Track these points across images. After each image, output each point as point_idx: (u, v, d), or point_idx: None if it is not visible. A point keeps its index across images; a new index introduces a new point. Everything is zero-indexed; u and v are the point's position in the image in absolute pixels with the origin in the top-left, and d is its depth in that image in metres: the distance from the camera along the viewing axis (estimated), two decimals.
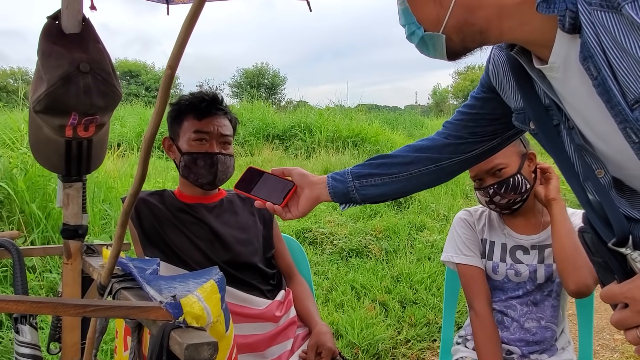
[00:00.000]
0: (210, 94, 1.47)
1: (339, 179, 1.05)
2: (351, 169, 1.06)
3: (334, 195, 1.05)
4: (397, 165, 1.05)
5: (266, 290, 1.48)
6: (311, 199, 1.05)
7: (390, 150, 8.14)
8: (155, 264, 0.91)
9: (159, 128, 0.73)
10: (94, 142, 1.02)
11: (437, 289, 3.21)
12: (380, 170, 1.05)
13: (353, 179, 1.04)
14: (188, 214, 1.45)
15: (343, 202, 1.07)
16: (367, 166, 1.07)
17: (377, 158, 1.08)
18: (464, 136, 1.02)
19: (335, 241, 3.93)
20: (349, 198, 1.05)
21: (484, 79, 0.99)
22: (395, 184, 1.05)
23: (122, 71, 31.00)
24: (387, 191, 1.06)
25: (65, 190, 1.02)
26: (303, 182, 1.06)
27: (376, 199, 1.07)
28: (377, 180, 1.05)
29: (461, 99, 31.43)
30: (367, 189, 1.05)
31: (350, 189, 1.04)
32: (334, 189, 1.05)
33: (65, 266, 1.03)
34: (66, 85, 0.89)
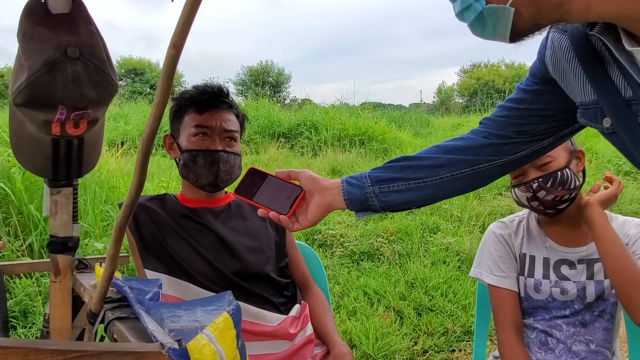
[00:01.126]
0: (214, 86, 1.33)
1: (356, 183, 0.90)
2: (369, 173, 0.91)
3: (350, 202, 0.90)
4: (425, 168, 0.90)
5: (279, 304, 1.34)
6: (322, 206, 0.90)
7: (398, 148, 7.99)
8: (156, 286, 0.77)
9: (162, 125, 0.59)
10: (86, 141, 0.88)
11: (453, 295, 3.06)
12: (405, 174, 0.90)
13: (372, 184, 0.89)
14: (192, 220, 1.31)
15: (360, 210, 0.92)
16: (389, 169, 0.91)
17: (399, 160, 0.93)
18: (508, 135, 0.88)
19: (346, 244, 3.78)
20: (367, 205, 0.90)
21: (538, 68, 0.84)
22: (422, 189, 0.90)
23: (127, 69, 30.95)
24: (412, 198, 0.91)
25: (53, 196, 0.88)
26: (313, 187, 0.91)
27: (398, 206, 0.92)
28: (401, 185, 0.90)
29: (467, 97, 31.21)
30: (389, 196, 0.90)
31: (369, 196, 0.89)
32: (349, 195, 0.90)
33: (52, 284, 0.89)
34: (51, 73, 0.75)
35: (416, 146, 9.39)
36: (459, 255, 3.62)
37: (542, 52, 0.81)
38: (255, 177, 0.96)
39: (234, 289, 1.28)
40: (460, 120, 15.48)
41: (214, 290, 1.25)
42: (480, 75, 30.58)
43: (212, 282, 1.26)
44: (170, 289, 1.25)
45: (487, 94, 26.13)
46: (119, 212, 0.63)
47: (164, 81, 0.51)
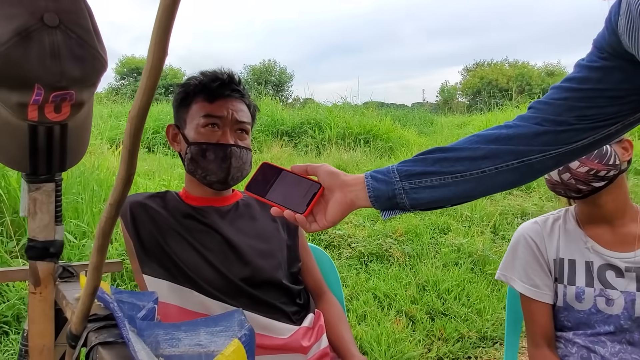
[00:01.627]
0: (225, 72, 1.19)
1: (382, 178, 0.78)
2: (398, 166, 0.79)
3: (376, 200, 0.78)
4: (464, 160, 0.77)
5: (291, 313, 1.21)
6: (343, 204, 0.79)
7: (404, 147, 7.85)
8: (151, 301, 0.64)
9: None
10: (70, 128, 0.74)
11: (467, 299, 2.93)
12: (439, 168, 0.77)
13: (401, 179, 0.77)
14: (196, 220, 1.18)
15: (387, 209, 0.79)
16: (420, 162, 0.79)
17: (433, 151, 0.79)
18: (567, 121, 0.74)
19: (354, 244, 3.65)
20: (394, 203, 0.78)
21: (606, 40, 0.70)
22: (459, 185, 0.77)
23: (130, 68, 30.93)
24: (448, 194, 0.78)
25: (32, 193, 0.75)
26: (333, 183, 0.80)
27: (431, 204, 0.79)
28: (435, 180, 0.77)
29: (470, 96, 31.05)
30: (420, 192, 0.77)
31: (398, 192, 0.77)
32: (375, 192, 0.78)
33: (31, 296, 0.76)
34: (24, 44, 0.62)
35: (422, 144, 9.26)
36: (471, 256, 3.48)
37: (614, 21, 0.67)
38: (269, 172, 0.85)
39: (242, 296, 1.15)
40: (465, 120, 15.33)
41: (219, 299, 1.13)
42: (484, 74, 30.39)
43: (217, 289, 1.13)
44: (172, 297, 1.12)
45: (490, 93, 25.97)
46: (103, 213, 0.50)
47: (159, 34, 0.38)
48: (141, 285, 1.15)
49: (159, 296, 1.14)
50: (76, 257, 2.55)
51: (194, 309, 1.12)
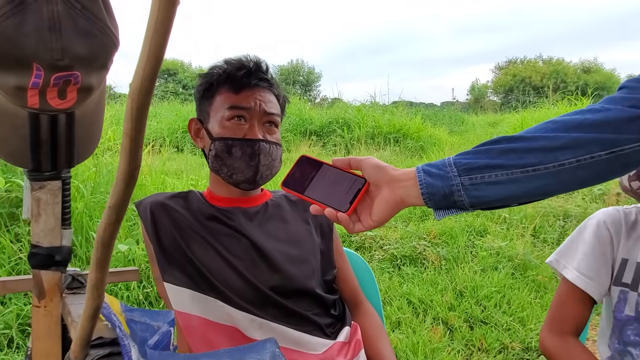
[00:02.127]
0: (252, 60, 1.08)
1: (437, 173, 0.67)
2: (455, 159, 0.68)
3: (429, 197, 0.67)
4: (537, 151, 0.64)
5: (325, 326, 1.09)
6: (391, 202, 0.69)
7: (435, 146, 7.65)
8: (166, 323, 0.53)
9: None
10: (78, 117, 0.64)
11: (508, 306, 2.75)
12: (506, 160, 0.65)
13: (460, 173, 0.66)
14: (221, 223, 1.07)
15: (442, 208, 0.69)
16: (483, 154, 0.66)
17: (498, 141, 0.67)
18: None
19: (386, 246, 3.51)
20: (451, 202, 0.67)
21: None
22: (531, 180, 0.64)
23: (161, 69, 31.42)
24: (516, 192, 0.65)
25: (35, 193, 0.65)
26: (379, 178, 0.70)
27: (495, 203, 0.67)
28: (501, 174, 0.65)
29: (502, 94, 30.31)
30: (483, 189, 0.65)
31: (456, 188, 0.66)
32: (429, 188, 0.67)
33: (35, 310, 0.66)
34: (19, 14, 0.52)
35: (453, 144, 9.02)
36: (511, 261, 3.29)
37: None
38: (308, 166, 0.76)
39: (271, 307, 1.04)
40: (497, 118, 14.92)
41: (246, 310, 1.02)
42: (517, 71, 29.62)
43: (244, 299, 1.03)
44: (195, 307, 1.02)
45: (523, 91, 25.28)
46: (102, 219, 0.39)
47: None
48: (162, 294, 1.05)
49: (181, 306, 1.06)
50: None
51: (219, 320, 1.02)
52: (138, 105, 0.34)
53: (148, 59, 0.32)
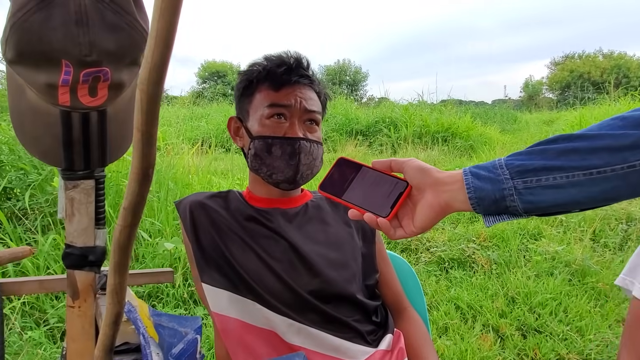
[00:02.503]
0: (292, 56, 1.05)
1: (486, 175, 0.61)
2: (507, 160, 0.61)
3: (478, 203, 0.61)
4: (602, 151, 0.57)
5: (367, 333, 1.04)
6: (436, 207, 0.64)
7: (486, 145, 7.39)
8: (193, 330, 0.50)
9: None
10: (110, 115, 0.63)
11: (564, 315, 2.58)
12: (566, 162, 0.58)
13: (512, 176, 0.60)
14: (259, 224, 1.05)
15: (492, 213, 0.63)
16: (538, 154, 0.60)
17: (556, 140, 0.60)
18: None
19: (433, 249, 3.40)
20: (503, 207, 0.61)
21: None
22: (596, 184, 0.57)
23: (210, 72, 32.35)
24: (578, 197, 0.58)
25: (69, 192, 0.64)
26: (423, 181, 0.66)
27: (553, 209, 0.60)
28: (560, 177, 0.58)
29: (558, 91, 29.01)
30: (539, 193, 0.59)
31: (508, 193, 0.60)
32: (477, 192, 0.61)
33: (69, 310, 0.66)
34: (46, 8, 0.51)
35: (505, 143, 8.69)
36: (568, 266, 3.10)
37: None
38: (346, 169, 0.73)
39: (310, 312, 1.01)
40: (553, 116, 14.27)
41: (284, 314, 0.99)
42: (574, 67, 28.22)
43: (282, 302, 1.00)
44: (232, 309, 1.00)
45: (581, 87, 24.08)
46: (118, 222, 0.36)
47: None
48: (201, 295, 1.04)
49: (219, 308, 1.04)
50: (149, 255, 2.57)
51: (256, 323, 0.99)
52: (148, 96, 0.30)
53: (156, 45, 0.28)
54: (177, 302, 2.47)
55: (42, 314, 2.18)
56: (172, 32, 0.29)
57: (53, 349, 2.00)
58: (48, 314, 2.16)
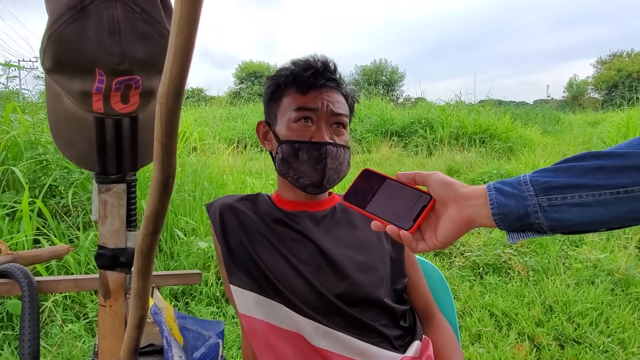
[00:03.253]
0: (319, 60, 1.05)
1: (510, 191, 0.61)
2: (532, 176, 0.61)
3: (501, 219, 0.60)
4: (631, 170, 0.55)
5: (394, 338, 1.03)
6: (458, 222, 0.64)
7: (525, 147, 7.18)
8: (215, 334, 0.51)
9: None
10: (142, 121, 0.65)
11: (605, 325, 2.48)
12: (593, 180, 0.56)
13: (537, 193, 0.59)
14: (287, 227, 1.05)
15: (515, 230, 0.62)
16: (565, 171, 0.59)
17: (583, 157, 0.58)
18: None
19: (467, 253, 3.33)
20: (527, 224, 0.60)
21: None
22: (623, 203, 0.55)
23: (247, 72, 32.83)
24: (605, 216, 0.56)
25: (102, 195, 0.67)
26: (446, 195, 0.66)
27: (578, 227, 0.58)
28: (587, 195, 0.57)
29: (604, 91, 27.90)
30: (564, 211, 0.58)
31: (532, 210, 0.59)
32: (501, 209, 0.60)
33: (101, 309, 0.68)
34: (81, 20, 0.53)
35: (546, 145, 8.42)
36: (611, 275, 2.97)
37: None
38: (371, 180, 0.74)
39: (337, 315, 1.00)
40: (599, 117, 13.73)
41: (311, 317, 0.99)
42: (622, 66, 27.06)
43: (309, 305, 1.00)
44: (259, 311, 1.01)
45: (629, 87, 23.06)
46: (140, 229, 0.37)
47: None
48: (229, 296, 1.06)
49: (246, 309, 1.06)
50: (184, 254, 2.63)
51: (283, 326, 1.00)
52: (168, 110, 0.31)
53: (174, 60, 0.29)
54: (210, 300, 2.52)
55: (82, 308, 2.27)
56: (190, 48, 0.29)
57: (91, 342, 2.07)
58: (87, 308, 2.25)
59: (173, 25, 0.29)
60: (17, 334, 2.06)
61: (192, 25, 0.28)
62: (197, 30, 0.29)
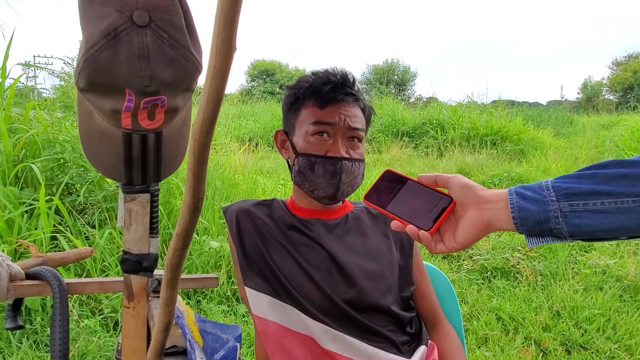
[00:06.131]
0: (338, 73, 1.09)
1: (531, 196, 0.62)
2: (554, 182, 0.62)
3: (521, 223, 0.62)
4: None
5: (401, 343, 1.07)
6: (478, 224, 0.65)
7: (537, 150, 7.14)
8: (233, 338, 0.55)
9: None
10: (165, 136, 0.69)
11: (613, 332, 2.49)
12: (616, 187, 0.58)
13: (559, 198, 0.60)
14: (301, 233, 1.09)
15: (535, 235, 0.63)
16: (587, 178, 0.60)
17: (606, 165, 0.60)
18: None
19: (475, 257, 3.35)
20: (547, 229, 0.61)
21: None
22: None
23: (259, 70, 32.91)
24: (627, 223, 0.58)
25: (127, 204, 0.71)
26: (466, 198, 0.67)
27: (599, 234, 0.60)
28: (609, 203, 0.58)
29: (620, 92, 27.56)
30: (585, 217, 0.59)
31: (553, 215, 0.60)
32: (522, 212, 0.62)
33: (125, 310, 0.73)
34: (113, 46, 0.57)
35: (558, 148, 8.36)
36: (620, 281, 2.98)
37: None
38: (392, 181, 0.75)
39: (345, 320, 1.04)
40: (613, 119, 13.59)
41: (321, 321, 1.03)
42: (638, 67, 26.68)
43: (320, 310, 1.04)
44: (272, 313, 1.05)
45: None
46: (170, 245, 0.41)
47: (223, 22, 0.28)
48: (243, 298, 1.10)
49: (259, 311, 1.10)
50: (196, 252, 2.68)
51: (295, 328, 1.04)
52: (200, 144, 0.35)
53: (207, 103, 0.33)
54: (221, 298, 2.57)
55: (98, 304, 2.33)
56: (221, 93, 0.33)
57: (106, 337, 2.14)
58: (103, 304, 2.31)
59: (208, 73, 0.33)
60: (34, 328, 2.13)
61: (224, 74, 0.32)
62: (227, 79, 0.33)
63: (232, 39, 0.31)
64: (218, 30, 0.30)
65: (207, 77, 0.33)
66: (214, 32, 0.31)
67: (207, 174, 2.32)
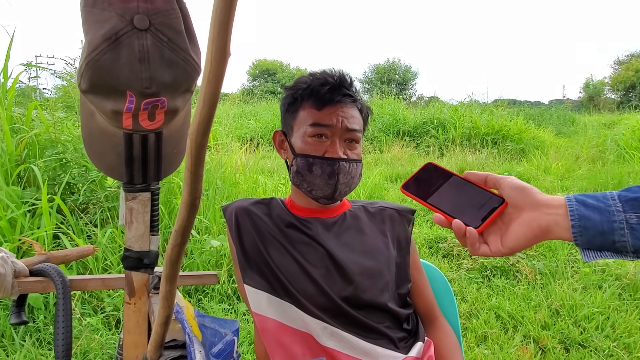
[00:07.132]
0: (335, 74, 1.10)
1: (594, 204, 0.58)
2: (620, 192, 0.58)
3: (581, 232, 0.57)
4: None
5: (398, 339, 1.08)
6: (534, 228, 0.60)
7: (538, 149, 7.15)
8: (231, 332, 0.57)
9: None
10: (165, 137, 0.71)
11: (612, 330, 2.50)
12: None
13: (625, 209, 0.56)
14: (299, 231, 1.11)
15: (595, 248, 0.57)
16: None
17: None
18: None
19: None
20: (610, 241, 0.56)
21: None
22: None
23: (261, 70, 32.92)
24: None
25: (128, 203, 0.73)
26: (522, 200, 0.62)
27: None
28: None
29: (621, 91, 27.51)
30: None
31: (618, 226, 0.56)
32: (583, 221, 0.57)
33: (126, 306, 0.75)
34: (115, 49, 0.59)
35: (559, 147, 8.37)
36: (619, 280, 2.99)
37: None
38: (434, 174, 0.71)
39: (343, 316, 1.06)
40: (614, 118, 13.57)
41: (319, 317, 1.05)
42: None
43: (318, 307, 1.06)
44: (271, 310, 1.07)
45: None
46: (169, 241, 0.43)
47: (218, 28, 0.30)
48: (243, 295, 1.12)
49: (258, 308, 1.12)
50: (197, 251, 2.70)
51: (293, 325, 1.06)
52: (197, 144, 0.37)
53: (203, 105, 0.35)
54: (222, 297, 2.59)
55: (100, 302, 2.36)
56: (217, 96, 0.35)
57: (108, 335, 2.16)
58: (105, 303, 2.33)
59: (204, 77, 0.34)
60: (37, 326, 2.15)
61: (219, 78, 0.34)
62: (222, 82, 0.35)
63: (227, 45, 0.32)
64: (213, 37, 0.32)
65: (202, 80, 0.35)
66: (209, 38, 0.32)
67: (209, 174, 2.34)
